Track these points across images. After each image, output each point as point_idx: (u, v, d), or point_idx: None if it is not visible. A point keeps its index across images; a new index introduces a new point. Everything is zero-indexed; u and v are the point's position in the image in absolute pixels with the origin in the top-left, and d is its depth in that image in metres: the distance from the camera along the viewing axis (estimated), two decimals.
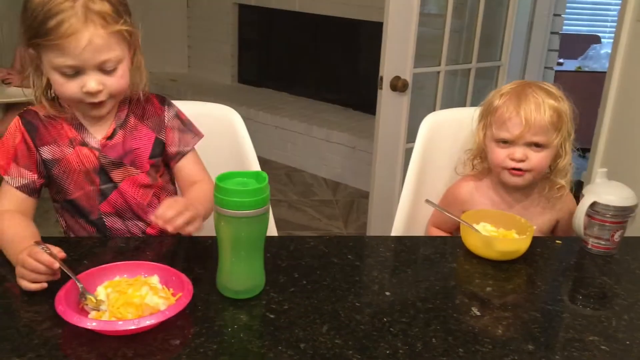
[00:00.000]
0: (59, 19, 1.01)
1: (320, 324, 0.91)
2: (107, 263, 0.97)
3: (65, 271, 0.92)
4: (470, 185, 1.40)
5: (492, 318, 0.96)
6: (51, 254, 0.92)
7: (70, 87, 1.08)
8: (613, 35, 2.08)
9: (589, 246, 1.21)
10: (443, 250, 1.21)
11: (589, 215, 1.19)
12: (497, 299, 1.02)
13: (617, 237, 1.19)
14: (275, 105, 4.22)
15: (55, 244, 0.97)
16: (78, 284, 0.89)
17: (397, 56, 2.24)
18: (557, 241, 1.27)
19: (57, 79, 1.08)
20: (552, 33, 3.55)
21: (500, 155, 1.30)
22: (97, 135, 1.18)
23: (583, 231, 1.21)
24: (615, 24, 2.04)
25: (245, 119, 1.46)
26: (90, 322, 0.82)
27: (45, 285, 0.93)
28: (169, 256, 1.12)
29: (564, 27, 3.76)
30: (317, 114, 4.05)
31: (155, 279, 0.95)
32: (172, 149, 1.24)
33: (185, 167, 1.26)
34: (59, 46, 1.02)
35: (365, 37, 3.88)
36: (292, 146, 3.97)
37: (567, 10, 3.65)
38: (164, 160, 1.26)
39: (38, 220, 1.14)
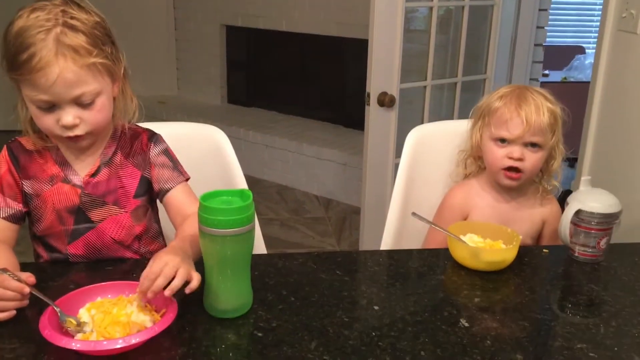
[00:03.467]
0: (30, 52, 0.98)
1: (308, 341, 0.91)
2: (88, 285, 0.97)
3: (40, 296, 0.91)
4: (462, 190, 1.42)
5: (480, 329, 0.96)
6: (19, 280, 0.91)
7: (46, 121, 1.05)
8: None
9: (576, 254, 1.21)
10: (431, 263, 1.21)
11: (574, 223, 1.20)
12: (486, 309, 1.03)
13: (603, 244, 1.19)
14: (265, 124, 4.24)
15: (38, 270, 0.97)
16: (55, 308, 0.89)
17: (383, 72, 2.26)
18: (544, 250, 1.27)
19: (34, 111, 1.05)
20: (535, 45, 3.59)
21: (499, 154, 1.33)
22: (80, 172, 1.15)
23: (569, 239, 1.22)
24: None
25: (235, 138, 1.47)
26: (76, 343, 0.82)
27: (14, 312, 0.92)
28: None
29: (548, 39, 3.81)
30: (307, 132, 4.06)
31: (137, 297, 0.94)
32: (155, 186, 1.20)
33: (173, 201, 1.19)
34: (30, 81, 1.00)
35: (352, 54, 3.91)
36: (283, 164, 3.98)
37: (550, 22, 3.69)
38: (151, 198, 1.23)
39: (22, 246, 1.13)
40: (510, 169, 1.32)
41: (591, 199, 1.19)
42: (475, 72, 2.71)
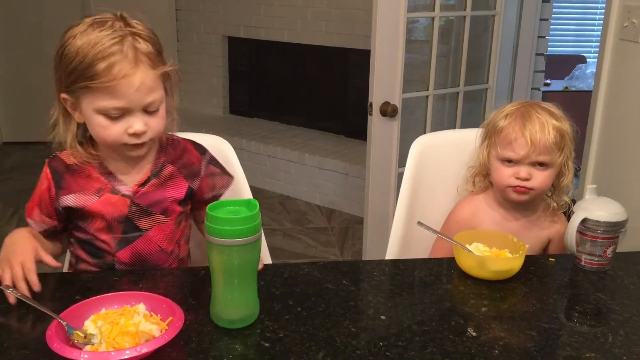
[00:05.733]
0: (110, 61, 1.01)
1: (316, 351, 0.90)
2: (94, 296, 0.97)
3: (44, 310, 0.91)
4: (471, 205, 1.41)
5: (488, 338, 0.96)
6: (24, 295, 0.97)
7: (114, 130, 1.07)
8: (597, 54, 2.12)
9: (582, 263, 1.21)
10: (437, 272, 1.21)
11: (580, 232, 1.20)
12: (493, 319, 1.02)
13: (609, 252, 1.19)
14: (267, 134, 4.24)
15: (42, 282, 0.98)
16: (61, 322, 0.89)
17: (385, 82, 2.27)
18: (551, 259, 1.27)
19: (100, 121, 1.06)
20: (537, 55, 3.60)
21: (506, 174, 1.32)
22: (128, 182, 1.16)
23: (575, 248, 1.21)
24: (599, 43, 2.08)
25: (238, 149, 1.46)
26: (85, 355, 0.81)
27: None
28: (161, 288, 1.11)
29: (550, 49, 3.82)
30: (309, 142, 4.07)
31: (142, 307, 0.94)
32: (207, 195, 1.24)
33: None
34: (109, 89, 1.02)
35: (354, 64, 3.93)
36: (285, 175, 3.98)
37: (551, 32, 3.70)
38: (192, 206, 1.26)
39: None
40: (518, 186, 1.31)
41: (597, 208, 1.19)
42: (477, 81, 2.71)
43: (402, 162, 2.33)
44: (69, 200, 1.14)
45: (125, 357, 0.81)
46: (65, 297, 1.04)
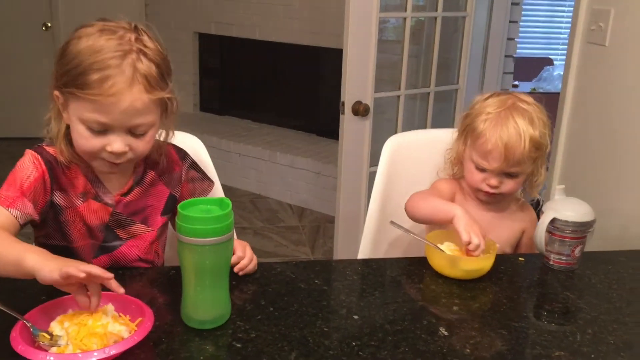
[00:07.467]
0: (104, 74, 0.96)
1: (288, 351, 0.90)
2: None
3: (8, 311, 0.88)
4: (453, 184, 1.42)
5: (459, 337, 0.96)
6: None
7: (92, 143, 1.02)
8: (565, 57, 2.16)
9: (551, 262, 1.23)
10: (409, 271, 1.22)
11: (549, 231, 1.22)
12: (464, 318, 1.03)
13: (577, 252, 1.21)
14: (238, 132, 4.22)
15: (5, 281, 0.94)
16: (27, 323, 0.86)
17: (357, 81, 2.27)
18: (520, 258, 1.29)
19: (81, 131, 1.01)
20: (506, 56, 3.65)
21: (477, 178, 1.32)
22: (112, 190, 1.12)
23: (544, 247, 1.23)
24: (566, 46, 2.11)
25: (209, 147, 1.44)
26: (51, 357, 0.79)
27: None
28: (130, 288, 1.09)
29: (518, 51, 3.88)
30: (281, 141, 4.06)
31: (110, 308, 0.92)
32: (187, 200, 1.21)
33: None
34: (96, 102, 0.97)
35: (326, 63, 3.93)
36: (257, 173, 3.96)
37: (520, 34, 3.77)
38: (173, 214, 1.21)
39: None
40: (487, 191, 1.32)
41: (566, 208, 1.21)
42: (447, 82, 2.74)
43: (373, 161, 2.34)
44: (58, 197, 1.08)
45: (93, 359, 0.79)
46: (30, 297, 1.01)
